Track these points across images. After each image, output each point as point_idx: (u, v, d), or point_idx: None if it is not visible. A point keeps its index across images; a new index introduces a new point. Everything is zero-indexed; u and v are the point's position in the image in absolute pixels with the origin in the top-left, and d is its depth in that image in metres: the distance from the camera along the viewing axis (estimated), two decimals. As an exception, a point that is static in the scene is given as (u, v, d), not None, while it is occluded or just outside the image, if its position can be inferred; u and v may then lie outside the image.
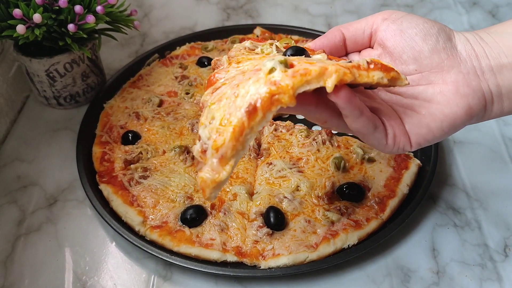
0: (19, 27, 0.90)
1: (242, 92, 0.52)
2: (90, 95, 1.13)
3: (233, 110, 0.51)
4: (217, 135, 0.51)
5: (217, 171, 0.51)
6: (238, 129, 0.50)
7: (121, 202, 0.88)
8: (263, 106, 0.50)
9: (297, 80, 0.51)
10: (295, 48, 0.60)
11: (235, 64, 0.60)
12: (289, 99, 0.50)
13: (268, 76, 0.51)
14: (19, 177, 0.98)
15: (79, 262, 0.84)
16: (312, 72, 0.51)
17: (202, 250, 0.80)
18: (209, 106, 0.55)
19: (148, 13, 1.47)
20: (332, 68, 0.52)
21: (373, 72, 0.55)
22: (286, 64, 0.52)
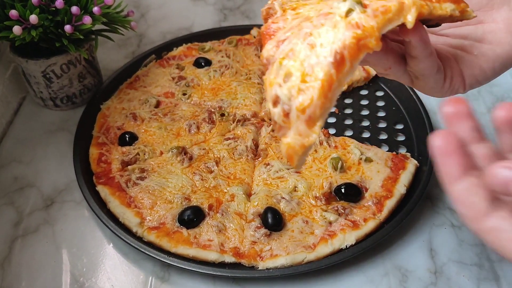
0: (16, 28, 0.90)
1: (319, 41, 0.46)
2: (87, 96, 1.13)
3: (315, 62, 0.45)
4: (300, 94, 0.45)
5: (305, 135, 0.46)
6: (326, 83, 0.45)
7: (118, 203, 0.88)
8: (351, 54, 0.45)
9: (380, 20, 0.46)
10: None
11: (291, 11, 0.53)
12: (376, 42, 0.46)
13: (348, 19, 0.46)
14: (16, 178, 0.98)
15: (77, 263, 0.83)
16: (391, 8, 0.47)
17: (200, 251, 0.80)
18: (279, 61, 0.48)
19: (145, 14, 1.46)
20: (409, 2, 0.48)
21: (445, 4, 0.51)
22: (361, 3, 0.47)
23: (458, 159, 0.43)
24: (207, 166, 0.94)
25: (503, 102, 0.56)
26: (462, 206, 0.44)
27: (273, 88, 0.48)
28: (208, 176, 0.92)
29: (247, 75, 1.15)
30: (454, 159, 0.43)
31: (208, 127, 1.03)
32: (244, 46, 1.25)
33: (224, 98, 1.10)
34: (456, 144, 0.43)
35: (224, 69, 1.17)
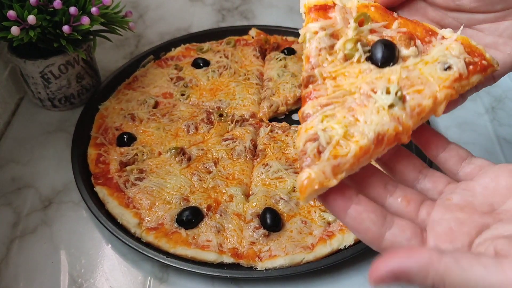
0: (14, 29, 0.90)
1: (363, 118, 0.53)
2: (85, 97, 1.13)
3: (358, 132, 0.52)
4: (340, 145, 0.51)
5: (327, 177, 0.50)
6: (363, 150, 0.51)
7: (116, 204, 0.87)
8: (388, 141, 0.52)
9: (415, 120, 0.53)
10: (383, 50, 0.57)
11: (331, 81, 0.58)
12: (407, 139, 0.53)
13: (390, 111, 0.53)
14: (14, 179, 0.98)
15: (75, 264, 0.83)
16: (426, 107, 0.53)
17: (199, 251, 0.80)
18: (322, 117, 0.54)
19: (143, 14, 1.46)
20: (441, 95, 0.53)
21: (473, 78, 0.56)
22: (402, 98, 0.53)
23: (339, 193, 0.49)
24: (206, 167, 0.94)
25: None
26: (359, 234, 0.50)
27: (312, 130, 0.54)
28: (206, 176, 0.92)
29: (245, 76, 1.15)
30: (336, 194, 0.49)
31: (207, 128, 1.03)
32: (242, 46, 1.25)
33: (223, 98, 1.10)
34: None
35: (222, 69, 1.17)
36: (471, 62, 0.56)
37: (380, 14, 0.61)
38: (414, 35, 0.59)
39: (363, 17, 0.60)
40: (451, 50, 0.56)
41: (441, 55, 0.56)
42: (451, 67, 0.55)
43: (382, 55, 0.57)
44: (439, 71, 0.55)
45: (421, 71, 0.56)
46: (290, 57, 1.20)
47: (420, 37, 0.59)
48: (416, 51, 0.58)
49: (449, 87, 0.54)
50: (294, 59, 1.19)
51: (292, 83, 1.12)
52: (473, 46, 0.57)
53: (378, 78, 0.56)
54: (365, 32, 0.60)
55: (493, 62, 0.57)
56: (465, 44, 0.57)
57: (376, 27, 0.60)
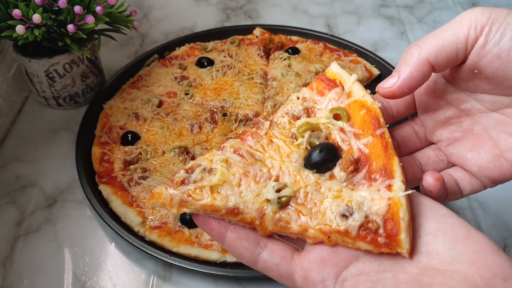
0: (19, 28, 0.90)
1: (243, 190, 0.55)
2: (90, 96, 1.13)
3: (226, 193, 0.55)
4: (199, 190, 0.56)
5: (172, 204, 0.56)
6: (212, 208, 0.55)
7: (120, 202, 0.88)
8: (243, 220, 0.55)
9: (276, 228, 0.54)
10: (319, 156, 0.56)
11: (266, 141, 0.59)
12: (264, 235, 0.55)
13: (263, 204, 0.54)
14: (18, 177, 0.98)
15: (79, 262, 0.84)
16: (291, 229, 0.54)
17: (202, 250, 0.80)
18: (222, 160, 0.57)
19: (147, 14, 1.47)
20: (310, 233, 0.53)
21: (359, 243, 0.52)
22: (283, 204, 0.54)
23: (216, 221, 0.56)
24: (209, 166, 0.94)
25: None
26: (236, 257, 0.56)
27: (199, 162, 0.58)
28: (210, 175, 0.92)
29: (249, 75, 1.15)
30: (214, 222, 0.55)
31: (210, 127, 1.03)
32: (246, 46, 1.25)
33: (227, 98, 1.10)
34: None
35: (226, 69, 1.17)
36: (370, 230, 0.51)
37: (363, 121, 0.58)
38: (366, 162, 0.56)
39: (339, 112, 0.59)
40: (372, 204, 0.52)
41: (356, 202, 0.53)
42: (347, 217, 0.52)
43: (315, 156, 0.56)
44: (336, 213, 0.53)
45: (324, 199, 0.54)
46: (294, 56, 1.20)
47: (372, 169, 0.55)
48: (343, 178, 0.55)
49: (323, 232, 0.52)
50: (298, 58, 1.19)
51: (296, 83, 1.11)
52: (397, 216, 0.51)
53: (291, 173, 0.56)
54: (336, 125, 0.58)
55: (401, 243, 0.50)
56: (393, 210, 0.51)
57: (346, 129, 0.58)
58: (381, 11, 1.46)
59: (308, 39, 1.27)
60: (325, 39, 1.26)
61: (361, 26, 1.40)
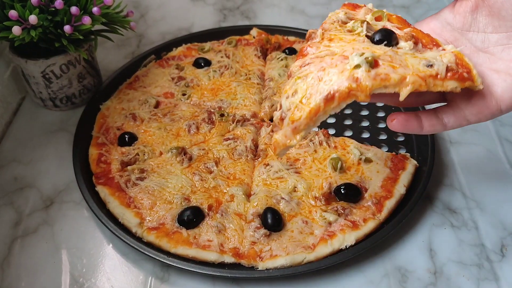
0: (15, 29, 0.90)
1: (326, 78, 0.60)
2: (87, 97, 1.13)
3: (314, 92, 0.60)
4: (296, 110, 0.62)
5: (289, 138, 0.63)
6: (314, 111, 0.60)
7: (118, 203, 0.87)
8: (340, 97, 0.59)
9: (376, 83, 0.59)
10: (383, 32, 0.66)
11: (327, 42, 0.66)
12: (365, 97, 0.59)
13: (353, 72, 0.59)
14: (16, 178, 0.98)
15: (76, 264, 0.83)
16: (391, 79, 0.59)
17: (200, 251, 0.80)
18: (295, 79, 0.64)
19: (144, 14, 1.46)
20: (410, 79, 0.59)
21: (448, 82, 0.62)
22: (371, 63, 0.59)
23: None
24: (207, 167, 0.94)
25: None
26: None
27: (282, 97, 0.64)
28: (207, 176, 0.92)
29: (246, 76, 1.15)
30: None
31: (208, 128, 1.03)
32: (243, 46, 1.25)
33: (224, 98, 1.10)
34: None
35: (223, 69, 1.17)
36: (452, 69, 0.62)
37: (398, 21, 0.70)
38: (418, 38, 0.66)
39: (381, 14, 0.70)
40: (442, 56, 0.63)
41: (431, 57, 0.63)
42: (432, 65, 0.62)
43: (380, 33, 0.66)
44: (421, 65, 0.62)
45: (406, 58, 0.63)
46: (291, 56, 1.20)
47: (424, 43, 0.66)
48: (411, 46, 0.65)
49: (421, 77, 0.60)
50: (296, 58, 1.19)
51: (293, 83, 1.11)
52: (464, 60, 0.63)
53: (365, 48, 0.63)
54: (378, 25, 0.69)
55: (475, 79, 0.63)
56: (458, 57, 0.63)
57: (389, 25, 0.68)
58: (378, 11, 1.46)
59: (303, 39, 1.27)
60: (322, 39, 1.26)
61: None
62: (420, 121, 0.69)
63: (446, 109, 0.69)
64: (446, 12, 0.72)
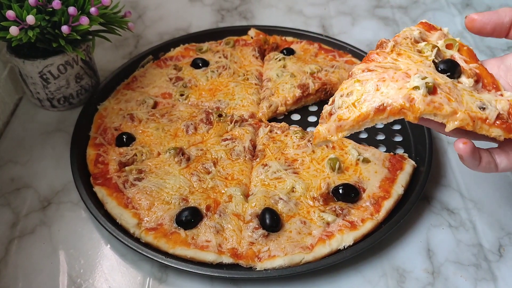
0: (12, 29, 0.89)
1: (383, 90, 0.64)
2: (84, 97, 1.13)
3: (369, 99, 0.64)
4: (346, 110, 0.66)
5: (331, 133, 0.67)
6: (362, 116, 0.64)
7: (115, 204, 0.87)
8: (390, 111, 0.63)
9: (428, 109, 0.62)
10: (449, 63, 0.68)
11: (395, 55, 0.70)
12: (413, 119, 0.63)
13: (410, 92, 0.63)
14: (13, 179, 0.97)
15: (74, 265, 0.83)
16: (443, 110, 0.62)
17: (198, 252, 0.80)
18: (354, 81, 0.67)
19: (142, 15, 1.46)
20: (460, 115, 0.62)
21: (494, 129, 0.64)
22: (430, 89, 0.63)
23: None
24: (205, 167, 0.94)
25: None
26: None
27: (336, 94, 0.68)
28: (205, 177, 0.92)
29: (244, 76, 1.15)
30: None
31: (206, 128, 1.03)
32: (241, 47, 1.25)
33: (222, 98, 1.10)
34: None
35: (221, 69, 1.16)
36: (502, 118, 0.64)
37: (467, 54, 0.72)
38: (480, 76, 0.69)
39: (452, 42, 0.73)
40: (498, 102, 0.66)
41: (486, 99, 0.66)
42: (485, 108, 0.64)
43: (446, 63, 0.68)
44: (475, 105, 0.64)
45: (463, 94, 0.65)
46: (289, 57, 1.20)
47: (485, 83, 0.68)
48: (472, 83, 0.67)
49: (470, 116, 0.63)
50: (293, 59, 1.19)
51: (291, 83, 1.11)
52: None
53: (428, 72, 0.66)
54: (447, 53, 0.72)
55: None
56: None
57: (457, 56, 0.71)
58: (375, 12, 1.47)
59: (303, 40, 1.27)
60: (320, 40, 1.26)
61: (355, 27, 1.41)
62: (480, 156, 0.68)
63: (499, 151, 0.69)
64: (511, 57, 0.72)
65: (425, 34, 0.74)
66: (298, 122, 1.09)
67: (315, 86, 1.11)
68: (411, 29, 0.74)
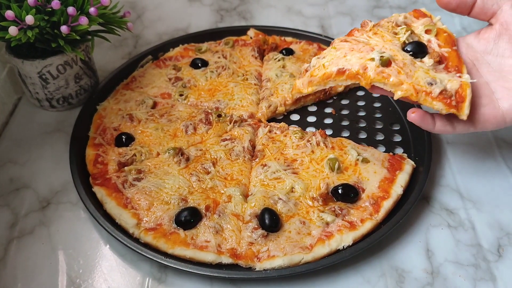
0: (11, 29, 0.89)
1: (348, 57, 0.79)
2: (83, 97, 1.13)
3: (335, 62, 0.79)
4: (317, 69, 0.81)
5: (304, 86, 0.84)
6: (327, 75, 0.80)
7: (115, 204, 0.87)
8: (348, 75, 0.78)
9: (377, 78, 0.75)
10: (415, 45, 0.80)
11: (371, 33, 0.83)
12: (365, 85, 0.77)
13: (367, 61, 0.76)
14: (12, 179, 0.97)
15: (73, 265, 0.83)
16: (389, 80, 0.75)
17: (197, 252, 0.80)
18: (331, 47, 0.83)
19: (141, 15, 1.46)
20: (405, 86, 0.74)
21: (436, 102, 0.74)
22: (384, 62, 0.75)
23: None
24: (204, 167, 0.94)
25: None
26: None
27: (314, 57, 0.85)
28: (205, 177, 0.92)
29: (244, 76, 1.15)
30: None
31: (205, 128, 1.03)
32: (240, 47, 1.25)
33: (221, 99, 1.10)
34: None
35: (220, 70, 1.16)
36: (446, 94, 0.73)
37: (444, 39, 0.82)
38: (446, 59, 0.79)
39: (431, 28, 0.83)
40: (449, 82, 0.74)
41: (440, 77, 0.75)
42: (432, 84, 0.74)
43: (412, 45, 0.80)
44: (424, 81, 0.74)
45: (417, 71, 0.75)
46: (288, 57, 1.20)
47: (449, 65, 0.78)
48: (431, 63, 0.77)
49: (415, 88, 0.74)
50: (293, 59, 1.19)
51: (290, 84, 1.11)
52: (465, 91, 0.74)
53: (392, 49, 0.78)
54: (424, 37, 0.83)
55: (463, 110, 0.73)
56: (462, 87, 0.74)
57: (433, 40, 0.82)
58: (374, 12, 1.47)
59: (302, 40, 1.27)
60: (319, 40, 1.26)
61: (354, 27, 1.41)
62: (434, 120, 0.79)
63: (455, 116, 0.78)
64: (472, 36, 0.84)
65: (410, 20, 0.85)
66: (297, 122, 1.09)
67: (314, 86, 1.11)
68: (399, 14, 0.86)
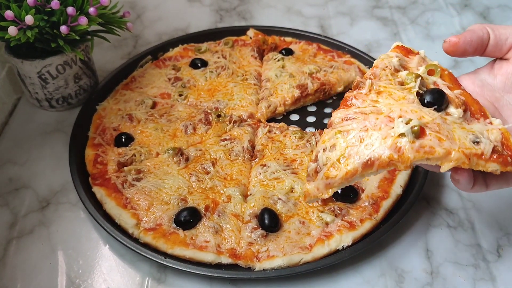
0: (11, 29, 0.89)
1: (367, 141, 0.60)
2: (83, 97, 1.13)
3: (354, 154, 0.60)
4: (332, 167, 0.61)
5: (321, 192, 0.63)
6: (350, 173, 0.60)
7: (114, 204, 0.87)
8: (379, 165, 0.59)
9: (419, 155, 0.58)
10: (435, 94, 0.63)
11: (374, 95, 0.65)
12: (405, 168, 0.59)
13: (396, 140, 0.58)
14: (11, 179, 0.97)
15: (72, 265, 0.83)
16: (436, 153, 0.58)
17: (197, 252, 0.80)
18: (335, 132, 0.63)
19: (140, 15, 1.46)
20: (455, 155, 0.58)
21: (490, 164, 0.60)
22: (417, 133, 0.58)
23: None
24: (204, 167, 0.94)
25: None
26: None
27: (319, 148, 0.64)
28: (204, 177, 0.92)
29: (243, 76, 1.15)
30: None
31: (205, 128, 1.03)
32: (240, 47, 1.25)
33: (221, 99, 1.10)
34: None
35: (220, 70, 1.16)
36: (498, 151, 0.60)
37: (449, 79, 0.68)
38: (467, 105, 0.64)
39: (434, 68, 0.68)
40: (490, 133, 0.62)
41: (478, 131, 0.61)
42: (479, 142, 0.60)
43: (431, 94, 0.63)
44: (468, 140, 0.60)
45: (454, 129, 0.61)
46: (288, 57, 1.20)
47: (472, 111, 0.64)
48: (461, 114, 0.62)
49: (466, 154, 0.58)
50: (292, 59, 1.19)
51: (290, 84, 1.12)
52: (510, 141, 0.61)
53: (413, 110, 0.61)
54: (429, 80, 0.67)
55: None
56: (504, 136, 0.62)
57: (440, 82, 0.67)
58: (374, 12, 1.47)
59: (301, 40, 1.27)
60: (319, 40, 1.26)
61: (354, 27, 1.41)
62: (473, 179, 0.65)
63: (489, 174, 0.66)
64: (485, 72, 0.71)
65: (404, 60, 0.70)
66: (297, 123, 1.09)
67: (314, 86, 1.11)
68: (389, 56, 0.69)
